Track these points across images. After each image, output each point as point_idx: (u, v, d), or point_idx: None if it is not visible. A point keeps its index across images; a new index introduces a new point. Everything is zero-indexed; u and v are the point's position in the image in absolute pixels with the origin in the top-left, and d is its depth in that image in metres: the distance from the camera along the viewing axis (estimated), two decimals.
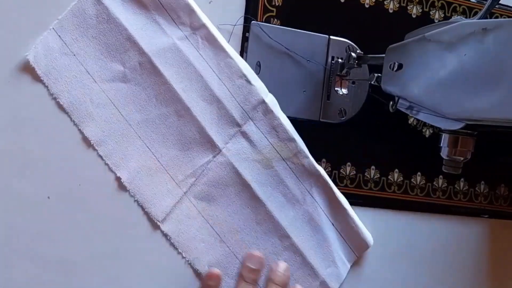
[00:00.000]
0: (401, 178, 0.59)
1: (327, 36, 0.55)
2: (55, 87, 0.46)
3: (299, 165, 0.52)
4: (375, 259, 0.58)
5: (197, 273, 0.50)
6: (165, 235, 0.49)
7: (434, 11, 0.60)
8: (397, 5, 0.58)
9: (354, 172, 0.57)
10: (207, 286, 0.49)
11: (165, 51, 0.48)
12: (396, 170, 0.59)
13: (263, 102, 0.50)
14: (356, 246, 0.55)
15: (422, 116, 0.51)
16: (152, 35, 0.48)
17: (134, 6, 0.47)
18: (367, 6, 0.57)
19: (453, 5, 0.60)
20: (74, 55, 0.46)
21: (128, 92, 0.48)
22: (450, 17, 0.60)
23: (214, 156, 0.50)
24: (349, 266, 0.55)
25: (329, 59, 0.55)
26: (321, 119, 0.55)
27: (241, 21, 0.52)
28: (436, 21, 0.59)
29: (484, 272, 0.64)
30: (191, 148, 0.49)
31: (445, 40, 0.45)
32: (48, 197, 0.45)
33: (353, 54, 0.53)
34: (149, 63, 0.48)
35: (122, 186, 0.47)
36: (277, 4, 0.53)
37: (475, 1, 0.61)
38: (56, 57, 0.46)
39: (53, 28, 0.45)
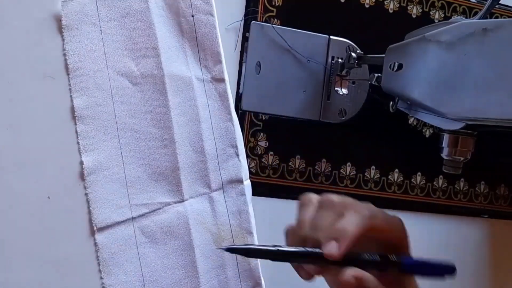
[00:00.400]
0: (401, 178, 0.59)
1: (327, 36, 0.55)
2: (70, 44, 0.46)
3: (246, 263, 0.51)
4: None
5: None
6: (96, 245, 0.47)
7: (434, 11, 0.60)
8: (397, 5, 0.58)
9: (354, 172, 0.57)
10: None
11: (180, 79, 0.48)
12: (396, 170, 0.59)
13: (241, 182, 0.50)
14: None
15: (422, 116, 0.51)
16: (175, 59, 0.48)
17: (173, 24, 0.48)
18: (367, 6, 0.57)
19: (453, 5, 0.60)
20: (101, 30, 0.46)
21: (130, 93, 0.47)
22: (450, 17, 0.60)
23: (175, 202, 0.49)
24: None
25: (329, 59, 0.55)
26: (321, 119, 0.55)
27: (242, 20, 0.52)
28: (436, 21, 0.59)
29: (484, 272, 0.64)
30: (159, 181, 0.49)
31: (445, 40, 0.45)
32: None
33: (353, 54, 0.53)
34: (160, 79, 0.48)
35: (81, 174, 0.46)
36: (277, 4, 0.53)
37: (475, 1, 0.61)
38: (84, 21, 0.46)
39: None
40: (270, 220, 0.54)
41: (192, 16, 0.49)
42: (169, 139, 0.48)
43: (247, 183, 0.51)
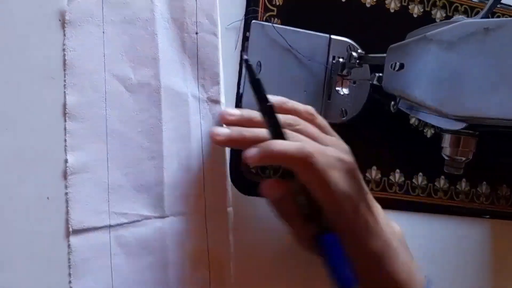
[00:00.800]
0: (403, 179, 0.59)
1: (328, 35, 0.55)
2: (71, 40, 0.45)
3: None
4: None
5: None
6: (69, 247, 0.46)
7: (435, 10, 0.59)
8: (398, 5, 0.58)
9: None
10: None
11: (176, 94, 0.48)
12: (398, 170, 0.58)
13: (225, 212, 0.50)
14: None
15: (423, 116, 0.51)
16: (174, 73, 0.48)
17: (175, 38, 0.48)
18: (368, 5, 0.57)
19: (455, 4, 0.60)
20: (104, 32, 0.46)
21: (124, 99, 0.47)
22: (452, 17, 0.60)
23: (155, 217, 0.48)
24: None
25: (330, 59, 0.55)
26: None
27: (242, 19, 0.52)
28: (437, 20, 0.59)
29: (486, 273, 0.64)
30: (141, 192, 0.48)
31: (446, 40, 0.45)
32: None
33: (354, 54, 0.53)
34: (156, 91, 0.47)
35: (64, 173, 0.45)
36: (277, 4, 0.53)
37: (477, 1, 0.61)
38: (88, 21, 0.45)
39: None
40: (270, 220, 0.53)
41: (196, 33, 0.48)
42: (157, 152, 0.48)
43: (230, 210, 0.50)
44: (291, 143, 0.42)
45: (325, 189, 0.42)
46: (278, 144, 0.42)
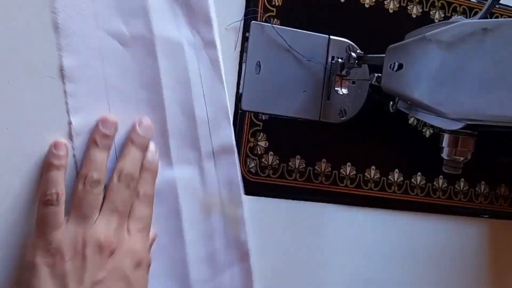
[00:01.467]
0: (401, 178, 0.59)
1: (327, 36, 0.55)
2: (60, 2, 0.44)
3: (235, 234, 0.50)
4: (375, 259, 0.58)
5: None
6: None
7: (434, 11, 0.60)
8: (397, 5, 0.58)
9: (354, 172, 0.57)
10: (52, 156, 0.44)
11: (171, 43, 0.47)
12: (396, 170, 0.59)
13: (233, 153, 0.50)
14: None
15: (422, 116, 0.51)
16: (166, 22, 0.47)
17: None
18: (367, 6, 0.57)
19: (453, 5, 0.60)
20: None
21: (120, 55, 0.46)
22: (450, 17, 0.60)
23: (163, 167, 0.48)
24: None
25: (329, 59, 0.55)
26: (321, 119, 0.55)
27: (242, 20, 0.52)
28: (436, 21, 0.59)
29: (484, 272, 0.64)
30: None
31: (445, 40, 0.45)
32: None
33: (353, 54, 0.53)
34: (151, 43, 0.47)
35: (69, 135, 0.45)
36: (277, 4, 0.53)
37: (476, 1, 0.61)
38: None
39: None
40: (270, 220, 0.54)
41: None
42: (158, 102, 0.47)
43: (236, 154, 0.50)
44: None
45: None
46: None
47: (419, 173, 0.59)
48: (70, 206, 0.43)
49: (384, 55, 0.50)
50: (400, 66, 0.48)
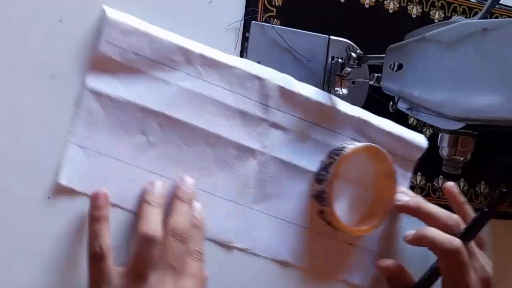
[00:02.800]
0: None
1: (327, 36, 0.55)
2: (94, 188, 0.45)
3: (330, 118, 0.53)
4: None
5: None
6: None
7: (434, 11, 0.60)
8: (397, 5, 0.58)
9: None
10: (95, 208, 0.44)
11: (175, 99, 0.48)
12: (419, 173, 0.59)
13: (277, 87, 0.51)
14: None
15: (422, 116, 0.51)
16: (158, 92, 0.47)
17: (132, 77, 0.46)
18: (367, 6, 0.57)
19: (453, 5, 0.60)
20: (99, 153, 0.45)
21: (158, 154, 0.47)
22: (450, 17, 0.60)
23: (256, 157, 0.50)
24: None
25: (329, 59, 0.55)
26: None
27: (242, 20, 0.52)
28: (436, 21, 0.59)
29: None
30: (233, 164, 0.50)
31: (445, 40, 0.45)
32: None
33: (353, 54, 0.53)
34: (166, 118, 0.47)
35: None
36: (277, 4, 0.53)
37: (475, 1, 0.61)
38: (84, 164, 0.45)
39: (69, 141, 0.44)
40: None
41: None
42: (213, 137, 0.49)
43: (283, 80, 0.52)
44: (445, 235, 0.50)
45: (463, 277, 0.50)
46: (433, 232, 0.51)
47: (419, 173, 0.59)
48: (127, 260, 0.43)
49: (384, 55, 0.50)
50: (400, 66, 0.48)
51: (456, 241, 0.50)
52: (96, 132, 0.45)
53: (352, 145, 0.51)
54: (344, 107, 0.53)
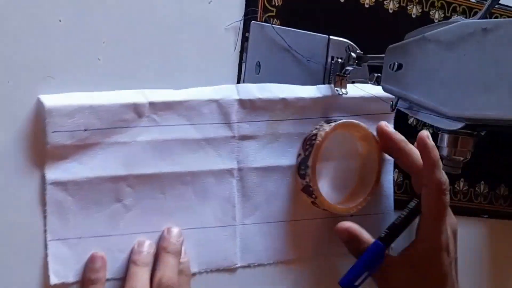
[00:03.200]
0: (401, 179, 0.59)
1: (327, 36, 0.55)
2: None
3: (295, 109, 0.52)
4: None
5: None
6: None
7: (434, 11, 0.60)
8: (397, 5, 0.58)
9: None
10: (91, 270, 0.45)
11: (138, 156, 0.47)
12: (396, 170, 0.59)
13: (235, 101, 0.50)
14: None
15: (421, 116, 0.51)
16: (119, 156, 0.46)
17: (89, 152, 0.45)
18: (367, 6, 0.57)
19: (453, 5, 0.60)
20: (80, 238, 0.45)
21: (138, 214, 0.47)
22: (450, 17, 0.60)
23: (234, 176, 0.50)
24: None
25: (329, 59, 0.55)
26: None
27: (242, 20, 0.52)
28: (436, 21, 0.59)
29: (484, 272, 0.64)
30: (215, 191, 0.50)
31: (445, 40, 0.45)
32: None
33: (353, 54, 0.53)
34: (135, 178, 0.47)
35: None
36: (277, 4, 0.53)
37: (475, 1, 0.61)
38: (69, 255, 0.45)
39: (48, 240, 0.44)
40: None
41: None
42: (188, 176, 0.49)
43: (240, 91, 0.51)
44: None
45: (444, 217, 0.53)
46: (434, 150, 0.52)
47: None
48: None
49: (383, 55, 0.50)
50: (400, 66, 0.48)
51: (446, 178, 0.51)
52: (71, 219, 0.45)
53: (321, 131, 0.51)
54: (307, 92, 0.53)
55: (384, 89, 0.50)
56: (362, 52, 0.54)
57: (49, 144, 0.43)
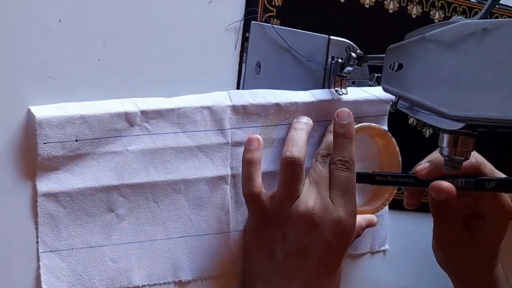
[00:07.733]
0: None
1: (327, 36, 0.55)
2: (80, 283, 0.45)
3: (289, 114, 0.52)
4: (376, 259, 0.58)
5: None
6: None
7: (434, 11, 0.60)
8: (397, 5, 0.58)
9: None
10: (247, 151, 0.49)
11: (130, 165, 0.47)
12: None
13: (227, 107, 0.50)
14: None
15: (422, 116, 0.51)
16: (111, 166, 0.46)
17: (81, 163, 0.45)
18: (367, 6, 0.57)
19: (453, 5, 0.60)
20: (72, 249, 0.45)
21: (131, 224, 0.47)
22: (450, 17, 0.60)
23: (228, 183, 0.50)
24: None
25: (329, 59, 0.55)
26: None
27: (242, 20, 0.52)
28: (436, 21, 0.59)
29: None
30: (209, 198, 0.50)
31: (445, 40, 0.45)
32: None
33: (353, 54, 0.53)
34: (127, 188, 0.47)
35: None
36: (277, 4, 0.53)
37: (475, 1, 0.61)
38: (62, 266, 0.44)
39: (40, 252, 0.44)
40: None
41: None
42: (181, 184, 0.49)
43: (232, 98, 0.51)
44: None
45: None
46: None
47: None
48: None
49: (384, 55, 0.50)
50: (400, 66, 0.48)
51: None
52: (63, 231, 0.45)
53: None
54: (300, 97, 0.53)
55: (384, 89, 0.50)
56: (362, 52, 0.54)
57: (40, 156, 0.43)
